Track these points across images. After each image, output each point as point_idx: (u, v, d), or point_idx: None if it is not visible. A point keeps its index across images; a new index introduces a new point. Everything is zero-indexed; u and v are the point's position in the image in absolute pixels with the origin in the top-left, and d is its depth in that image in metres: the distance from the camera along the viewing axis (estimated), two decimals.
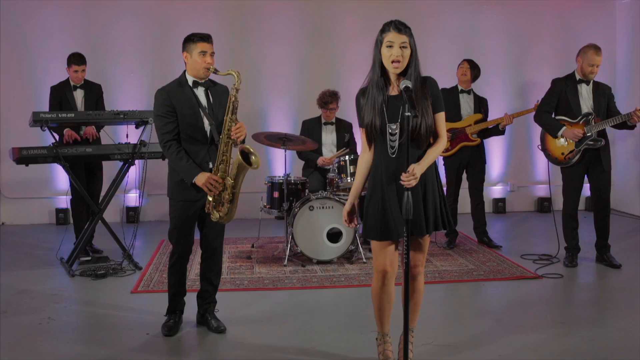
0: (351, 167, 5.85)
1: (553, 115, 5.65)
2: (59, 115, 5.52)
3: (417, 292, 3.44)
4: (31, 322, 4.32)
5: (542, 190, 8.61)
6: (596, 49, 5.45)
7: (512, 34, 8.49)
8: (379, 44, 3.23)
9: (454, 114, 6.28)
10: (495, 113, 6.78)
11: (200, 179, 3.82)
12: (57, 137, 5.65)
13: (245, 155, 3.86)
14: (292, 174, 7.39)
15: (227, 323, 4.21)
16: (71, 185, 5.92)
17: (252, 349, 3.88)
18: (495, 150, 8.55)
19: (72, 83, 6.08)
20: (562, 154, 5.59)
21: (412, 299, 3.40)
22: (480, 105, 6.39)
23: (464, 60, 6.41)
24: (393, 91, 3.25)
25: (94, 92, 6.18)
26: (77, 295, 5.00)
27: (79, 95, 6.11)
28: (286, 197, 5.89)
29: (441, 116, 3.27)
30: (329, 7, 8.16)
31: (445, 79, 6.44)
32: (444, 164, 6.45)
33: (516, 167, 8.66)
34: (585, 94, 5.54)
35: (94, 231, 6.10)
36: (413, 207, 3.02)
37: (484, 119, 6.34)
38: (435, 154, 3.25)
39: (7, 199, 7.91)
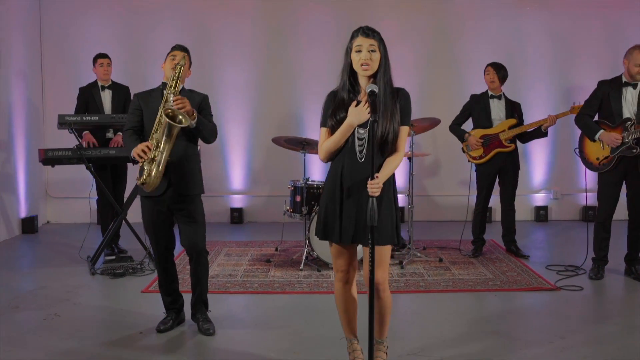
0: None
1: (596, 118, 5.41)
2: (84, 118, 5.70)
3: (381, 305, 3.32)
4: (37, 318, 4.47)
5: (587, 199, 8.22)
6: None
7: (555, 36, 8.20)
8: (348, 51, 3.20)
9: (484, 120, 6.13)
10: (538, 117, 6.49)
11: (135, 148, 3.81)
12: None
13: (173, 116, 3.82)
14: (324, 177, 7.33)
15: (221, 325, 4.24)
16: (97, 186, 6.09)
17: (236, 352, 3.87)
18: (538, 156, 8.28)
19: (99, 83, 6.24)
20: (597, 159, 5.35)
21: (377, 311, 3.28)
22: (513, 109, 6.16)
23: (488, 65, 6.16)
24: (363, 97, 3.20)
25: (121, 95, 6.34)
26: (91, 293, 5.15)
27: (107, 95, 6.28)
28: (306, 201, 5.88)
29: (404, 130, 3.20)
30: (366, 10, 8.09)
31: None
32: (475, 171, 6.26)
33: (560, 174, 8.34)
34: (630, 98, 5.26)
35: (119, 230, 6.27)
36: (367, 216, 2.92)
37: (519, 124, 6.12)
38: (393, 166, 3.17)
39: (52, 198, 8.26)
